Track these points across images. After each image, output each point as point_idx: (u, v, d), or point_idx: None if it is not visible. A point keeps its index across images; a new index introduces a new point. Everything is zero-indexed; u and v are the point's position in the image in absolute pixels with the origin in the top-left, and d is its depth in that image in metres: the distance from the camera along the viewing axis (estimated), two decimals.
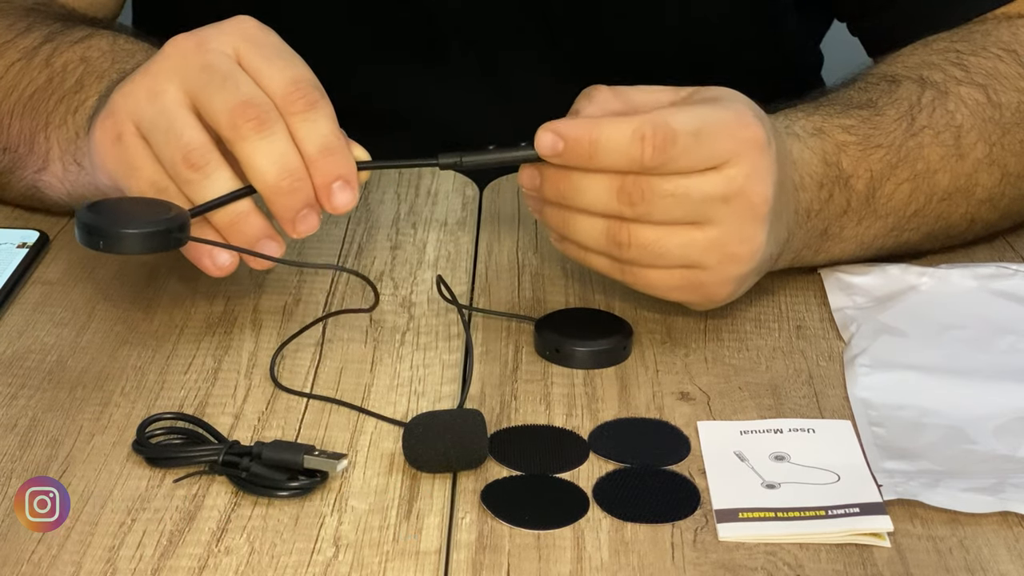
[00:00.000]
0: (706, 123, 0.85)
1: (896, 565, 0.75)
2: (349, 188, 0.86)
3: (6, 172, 1.02)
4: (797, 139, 0.94)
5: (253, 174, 0.85)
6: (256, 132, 0.84)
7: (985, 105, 1.01)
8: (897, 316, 0.95)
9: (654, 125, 0.84)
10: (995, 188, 1.02)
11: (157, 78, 0.87)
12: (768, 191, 0.87)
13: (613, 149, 0.84)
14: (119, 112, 0.87)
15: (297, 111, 0.85)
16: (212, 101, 0.85)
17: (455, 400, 0.87)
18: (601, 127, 0.85)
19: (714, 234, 0.86)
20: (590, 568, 0.74)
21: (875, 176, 0.97)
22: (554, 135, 0.85)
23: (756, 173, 0.86)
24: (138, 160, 0.87)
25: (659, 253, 0.87)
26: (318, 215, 0.86)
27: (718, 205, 0.86)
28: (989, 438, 0.84)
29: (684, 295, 0.90)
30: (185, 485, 0.79)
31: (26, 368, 0.89)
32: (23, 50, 1.01)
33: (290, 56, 0.88)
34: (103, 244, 0.84)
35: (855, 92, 1.01)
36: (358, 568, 0.74)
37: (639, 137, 0.84)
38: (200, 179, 0.85)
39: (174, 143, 0.85)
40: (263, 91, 0.85)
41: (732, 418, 0.86)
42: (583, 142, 0.85)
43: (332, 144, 0.86)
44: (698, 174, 0.85)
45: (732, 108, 0.87)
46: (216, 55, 0.86)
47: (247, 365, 0.89)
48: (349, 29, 1.19)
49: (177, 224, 0.84)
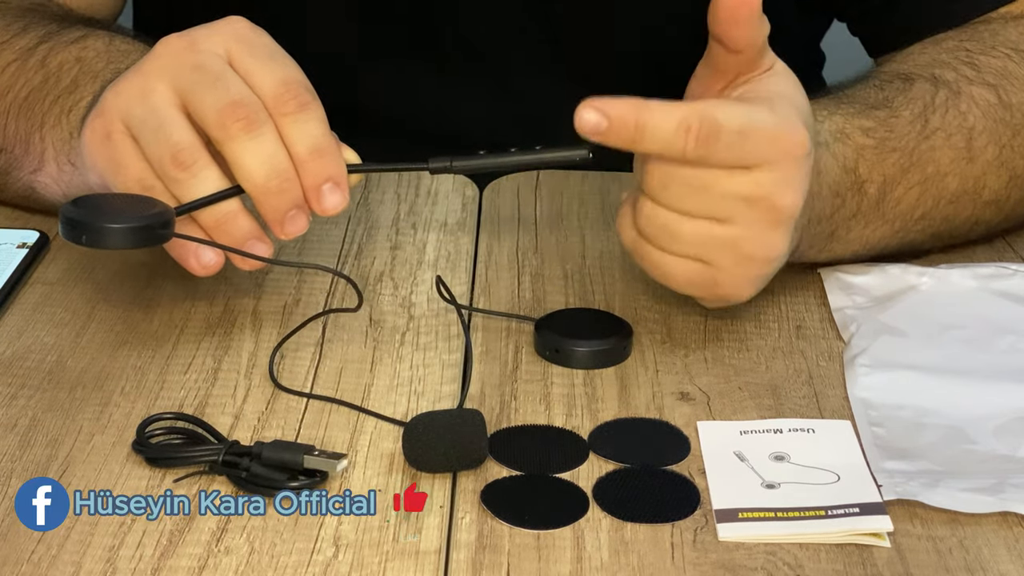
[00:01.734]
0: (752, 123, 0.84)
1: (896, 565, 0.75)
2: (339, 190, 0.86)
3: (2, 173, 1.02)
4: (826, 148, 0.93)
5: (241, 174, 0.85)
6: (245, 132, 0.84)
7: (996, 106, 1.00)
8: (897, 316, 0.95)
9: (701, 117, 0.83)
10: (1002, 190, 1.01)
11: (148, 77, 0.87)
12: (798, 201, 0.85)
13: (659, 137, 0.83)
14: (109, 111, 0.87)
15: (287, 112, 0.85)
16: (202, 101, 0.85)
17: (455, 400, 0.87)
18: (649, 112, 0.83)
19: (732, 233, 0.85)
20: (590, 568, 0.74)
21: (887, 180, 0.96)
22: (599, 114, 0.83)
23: (787, 182, 0.85)
24: (126, 158, 0.86)
25: (672, 234, 0.85)
26: (307, 216, 0.86)
27: (739, 205, 0.85)
28: (989, 438, 0.84)
29: (698, 291, 0.89)
30: (185, 485, 0.79)
31: (26, 368, 0.89)
32: (19, 51, 1.01)
33: (282, 57, 0.88)
34: (86, 238, 0.83)
35: (871, 90, 1.00)
36: (358, 568, 0.74)
37: (684, 128, 0.82)
38: (188, 178, 0.85)
39: (163, 142, 0.85)
40: (254, 92, 0.85)
41: (732, 418, 0.86)
42: (629, 124, 0.82)
43: (322, 145, 0.86)
44: (726, 170, 0.84)
45: (783, 113, 0.85)
46: (207, 55, 0.86)
47: (247, 365, 0.89)
48: (351, 31, 1.19)
49: (161, 221, 0.84)
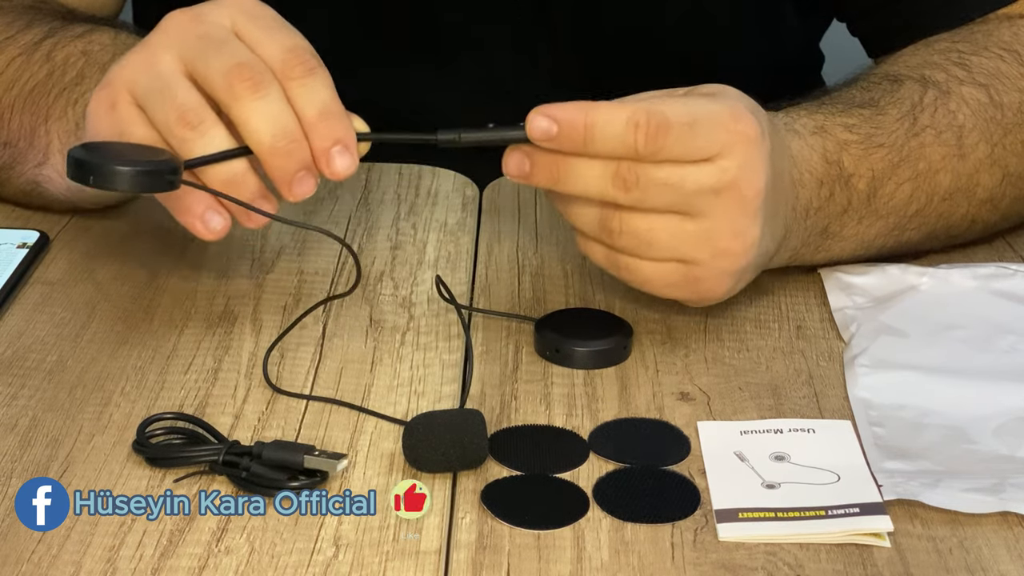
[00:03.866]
0: (700, 114, 0.85)
1: (896, 565, 0.75)
2: (348, 153, 0.86)
3: (6, 167, 1.02)
4: (797, 136, 0.94)
5: (248, 135, 0.85)
6: (251, 93, 0.84)
7: (987, 105, 1.01)
8: (897, 316, 0.95)
9: (648, 112, 0.84)
10: (996, 188, 1.02)
11: (154, 49, 0.87)
12: (760, 184, 0.86)
13: (608, 135, 0.84)
14: (115, 82, 0.87)
15: (296, 76, 0.85)
16: (207, 65, 0.85)
17: (455, 400, 0.87)
18: (596, 111, 0.84)
19: (705, 226, 0.86)
20: (590, 568, 0.74)
21: (876, 175, 0.97)
22: (548, 119, 0.84)
23: (748, 165, 0.86)
24: (132, 125, 0.86)
25: (649, 242, 0.86)
26: (315, 179, 0.86)
27: (709, 197, 0.86)
28: (989, 438, 0.84)
29: (680, 292, 0.90)
30: (185, 485, 0.79)
31: (26, 368, 0.89)
32: (24, 46, 1.01)
33: (288, 27, 0.88)
34: (93, 179, 0.83)
35: (857, 91, 1.01)
36: (358, 568, 0.74)
37: (633, 124, 0.84)
38: (196, 137, 0.85)
39: (169, 104, 0.85)
40: (261, 60, 0.85)
41: (732, 418, 0.86)
42: (577, 126, 0.84)
43: (331, 109, 0.85)
44: (692, 164, 0.85)
45: (727, 103, 0.87)
46: (213, 26, 0.87)
47: (247, 365, 0.89)
48: (351, 30, 1.19)
49: (170, 167, 0.83)
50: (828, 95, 1.01)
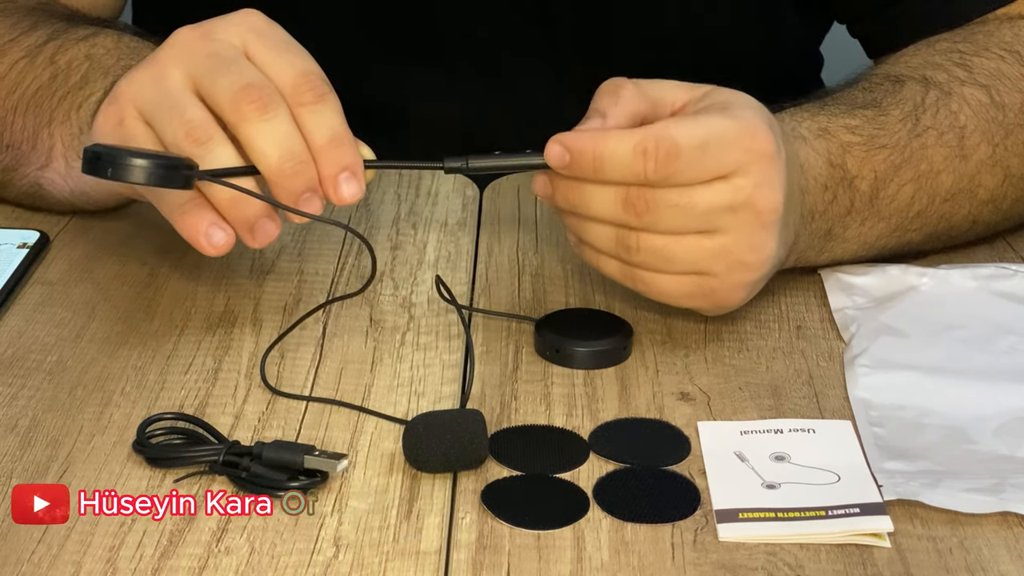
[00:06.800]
0: (713, 134, 0.85)
1: (896, 565, 0.75)
2: (356, 180, 0.87)
3: (8, 170, 1.02)
4: (804, 142, 0.94)
5: (256, 156, 0.85)
6: (259, 114, 0.85)
7: (988, 106, 1.01)
8: (897, 316, 0.95)
9: (657, 139, 0.84)
10: (998, 189, 1.02)
11: (162, 65, 0.87)
12: (778, 200, 0.87)
13: (617, 163, 0.85)
14: (122, 97, 0.88)
15: (306, 102, 0.86)
16: (215, 84, 0.85)
17: (455, 400, 0.87)
18: (605, 141, 0.85)
19: (723, 242, 0.87)
20: (590, 568, 0.74)
21: (879, 177, 0.97)
22: (561, 147, 0.86)
23: (765, 183, 0.86)
24: (138, 141, 0.87)
25: (667, 258, 0.87)
26: (321, 200, 0.87)
27: (725, 214, 0.86)
28: (989, 438, 0.84)
29: (695, 302, 0.90)
30: (185, 485, 0.79)
31: (26, 368, 0.89)
32: (27, 48, 1.01)
33: (298, 49, 0.88)
34: (112, 172, 0.83)
35: (859, 92, 1.01)
36: (358, 568, 0.74)
37: (641, 152, 0.84)
38: (204, 154, 0.85)
39: (177, 120, 0.85)
40: (272, 82, 0.86)
41: (732, 418, 0.86)
42: (587, 155, 0.85)
43: (340, 135, 0.86)
44: (704, 184, 0.85)
45: (742, 117, 0.87)
46: (222, 44, 0.87)
47: (247, 365, 0.89)
48: (354, 31, 1.19)
49: (187, 163, 0.84)
50: (830, 96, 1.01)
